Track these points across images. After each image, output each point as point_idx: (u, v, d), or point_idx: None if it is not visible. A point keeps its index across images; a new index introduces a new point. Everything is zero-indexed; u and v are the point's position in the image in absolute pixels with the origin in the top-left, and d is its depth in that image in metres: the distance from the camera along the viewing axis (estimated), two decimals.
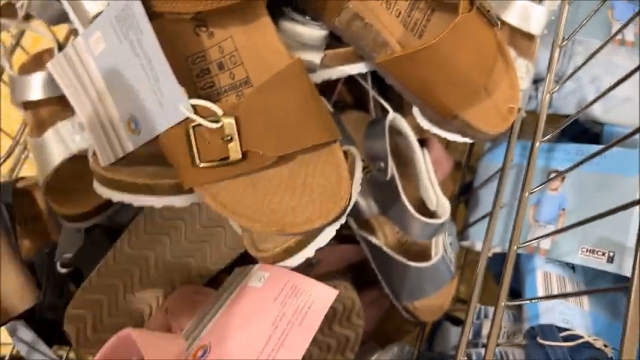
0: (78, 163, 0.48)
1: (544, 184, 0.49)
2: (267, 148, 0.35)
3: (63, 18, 0.49)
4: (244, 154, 0.35)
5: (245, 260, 0.46)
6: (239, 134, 0.35)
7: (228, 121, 0.35)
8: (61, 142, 0.50)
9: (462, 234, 0.66)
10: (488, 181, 0.64)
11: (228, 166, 0.36)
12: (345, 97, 0.62)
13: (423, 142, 0.63)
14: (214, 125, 0.34)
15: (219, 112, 0.34)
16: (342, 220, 0.38)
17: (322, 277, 0.53)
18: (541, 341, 0.50)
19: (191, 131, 0.35)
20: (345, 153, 0.39)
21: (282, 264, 0.40)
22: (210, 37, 0.39)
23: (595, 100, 0.45)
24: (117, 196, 0.41)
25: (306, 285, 0.40)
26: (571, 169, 0.47)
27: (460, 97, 0.43)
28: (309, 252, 0.40)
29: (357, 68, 0.47)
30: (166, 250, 0.50)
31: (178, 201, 0.41)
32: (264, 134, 0.35)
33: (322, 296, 0.39)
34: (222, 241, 0.51)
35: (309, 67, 0.44)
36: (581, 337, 0.50)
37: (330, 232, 0.38)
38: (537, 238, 0.48)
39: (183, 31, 0.38)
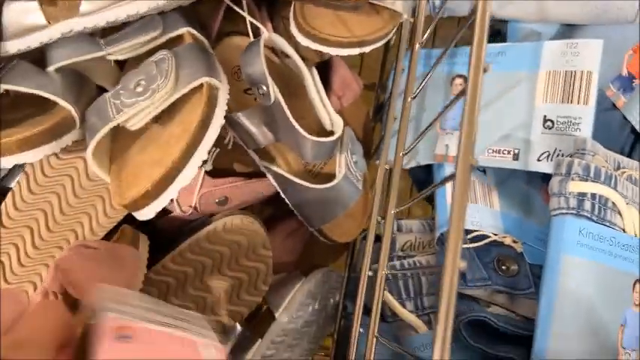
0: None
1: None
2: None
3: None
4: None
5: None
6: None
7: None
8: None
9: (376, 153, 0.65)
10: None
11: None
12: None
13: (327, 64, 0.61)
14: None
15: None
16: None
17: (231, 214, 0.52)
18: None
19: None
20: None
21: (146, 209, 0.39)
22: None
23: None
24: None
25: None
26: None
27: None
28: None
29: None
30: (55, 209, 0.48)
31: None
32: None
33: None
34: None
35: None
36: (489, 237, 0.50)
37: (189, 172, 0.37)
38: None
39: None
